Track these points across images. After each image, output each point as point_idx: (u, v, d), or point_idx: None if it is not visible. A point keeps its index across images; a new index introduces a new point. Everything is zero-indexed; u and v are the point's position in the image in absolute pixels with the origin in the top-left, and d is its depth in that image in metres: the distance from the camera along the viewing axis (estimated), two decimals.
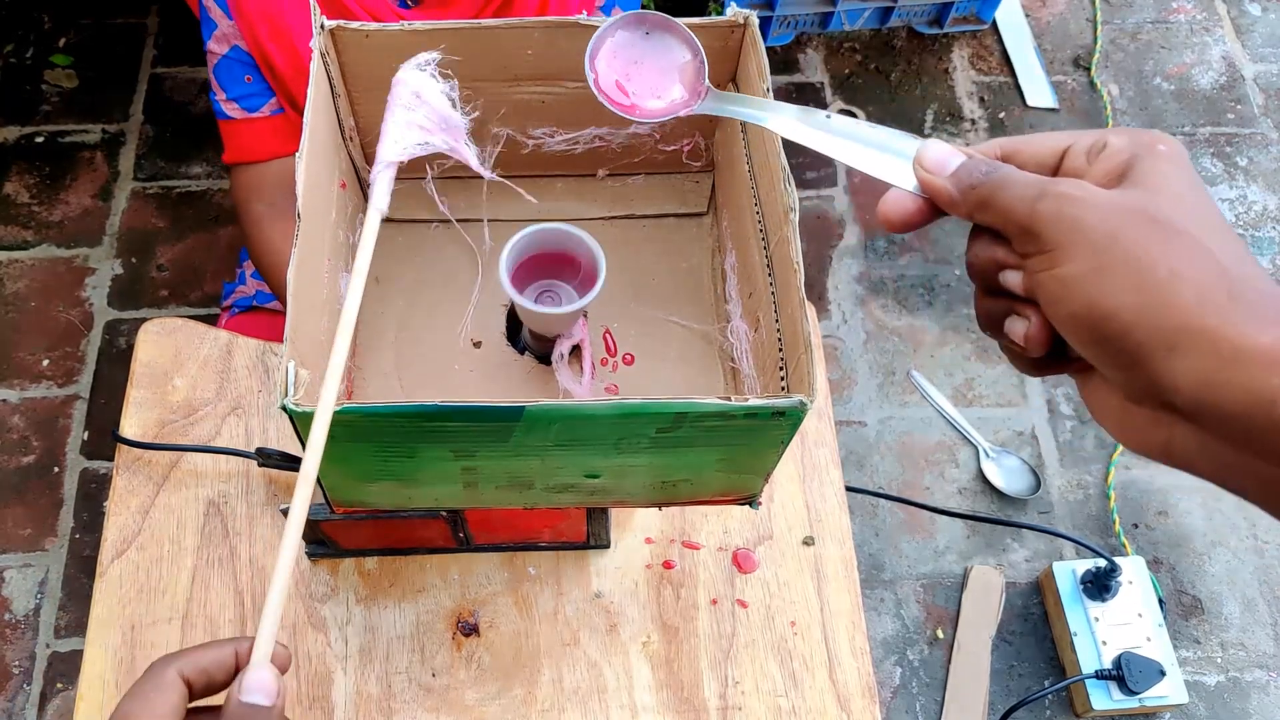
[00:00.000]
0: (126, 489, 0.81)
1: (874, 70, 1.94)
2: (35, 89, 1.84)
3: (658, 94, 0.52)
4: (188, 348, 0.87)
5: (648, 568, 0.80)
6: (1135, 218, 0.34)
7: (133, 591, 0.77)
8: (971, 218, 0.38)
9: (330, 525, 0.71)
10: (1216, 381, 0.31)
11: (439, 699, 0.75)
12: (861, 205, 1.79)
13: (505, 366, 0.68)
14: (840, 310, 1.69)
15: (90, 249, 1.70)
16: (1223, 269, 0.33)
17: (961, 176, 0.38)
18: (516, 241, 0.60)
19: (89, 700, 0.74)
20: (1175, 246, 0.33)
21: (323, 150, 0.59)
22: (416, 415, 0.47)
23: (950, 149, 0.39)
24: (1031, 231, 0.35)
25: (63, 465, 1.52)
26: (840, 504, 0.83)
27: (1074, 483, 1.56)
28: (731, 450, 0.52)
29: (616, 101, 0.52)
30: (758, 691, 0.76)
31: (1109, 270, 0.33)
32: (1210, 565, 1.50)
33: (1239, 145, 1.87)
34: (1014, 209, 0.36)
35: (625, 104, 0.52)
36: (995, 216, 0.37)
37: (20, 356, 1.60)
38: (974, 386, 1.63)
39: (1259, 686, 1.42)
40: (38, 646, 1.41)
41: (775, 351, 0.55)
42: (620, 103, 0.52)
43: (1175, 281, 0.32)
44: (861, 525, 1.52)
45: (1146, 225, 0.34)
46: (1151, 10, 2.03)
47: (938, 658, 1.43)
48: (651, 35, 0.53)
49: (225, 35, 0.96)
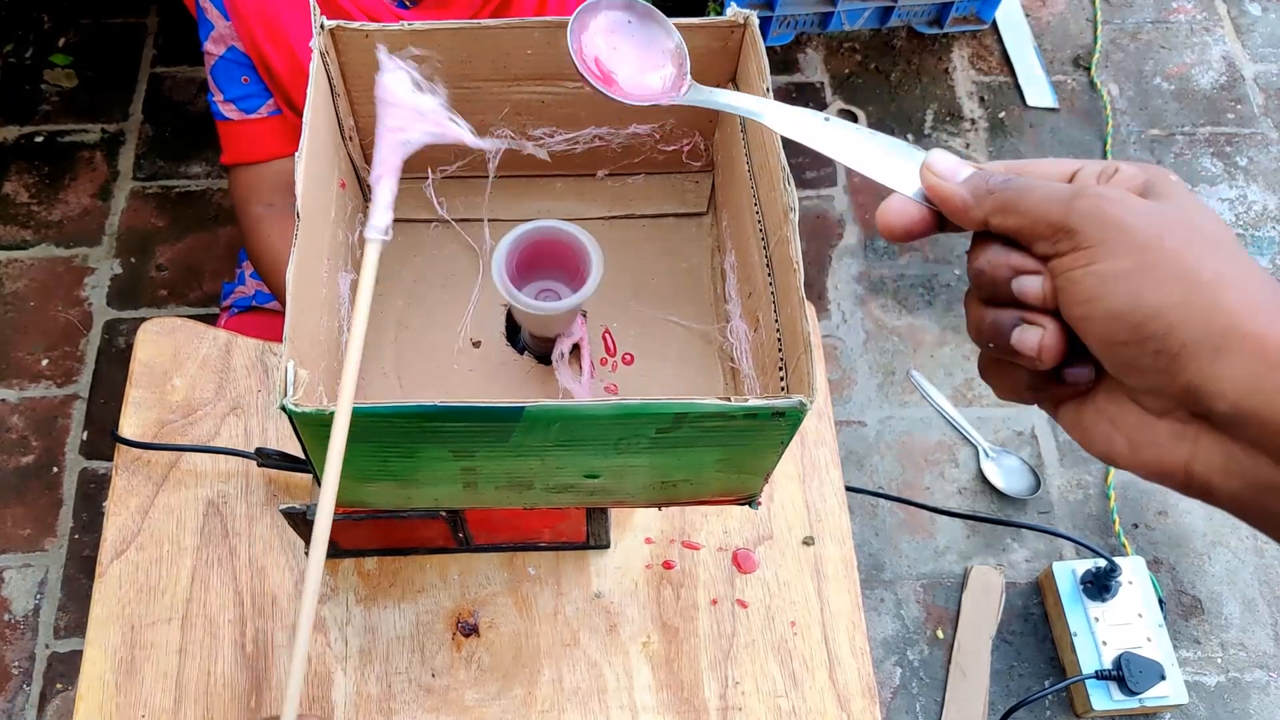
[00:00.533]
0: (126, 489, 0.81)
1: (874, 70, 1.94)
2: (35, 88, 1.84)
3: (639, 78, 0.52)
4: (187, 347, 0.87)
5: (648, 568, 0.80)
6: (1175, 223, 0.34)
7: (132, 592, 0.77)
8: (985, 223, 0.37)
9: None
10: (1264, 386, 0.31)
11: (439, 699, 0.75)
12: (861, 205, 1.79)
13: (505, 366, 0.67)
14: (840, 310, 1.69)
15: (89, 249, 1.70)
16: (1265, 277, 0.33)
17: (977, 183, 0.38)
18: (510, 240, 0.60)
19: (88, 700, 0.74)
20: (1217, 253, 0.33)
21: (322, 150, 0.59)
22: (416, 415, 0.47)
23: (958, 159, 0.39)
24: (1067, 229, 0.35)
25: (62, 465, 1.52)
26: (840, 504, 0.83)
27: (1074, 482, 1.56)
28: (731, 450, 0.52)
29: (595, 74, 0.51)
30: (758, 692, 0.76)
31: (1153, 268, 0.33)
32: (1210, 565, 1.50)
33: (1239, 145, 1.87)
34: (1046, 209, 0.35)
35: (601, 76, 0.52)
36: (1020, 219, 0.36)
37: (19, 356, 1.60)
38: (974, 386, 1.63)
39: (1259, 687, 1.42)
40: (37, 647, 1.41)
41: (775, 351, 0.55)
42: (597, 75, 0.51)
43: (1221, 284, 0.32)
44: (861, 525, 1.51)
45: (1186, 230, 0.33)
46: (1151, 10, 2.03)
47: (938, 658, 1.43)
48: (634, 23, 0.52)
49: (222, 36, 0.96)
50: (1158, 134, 1.87)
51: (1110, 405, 0.36)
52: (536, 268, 0.65)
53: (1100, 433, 0.37)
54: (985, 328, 0.38)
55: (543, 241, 0.62)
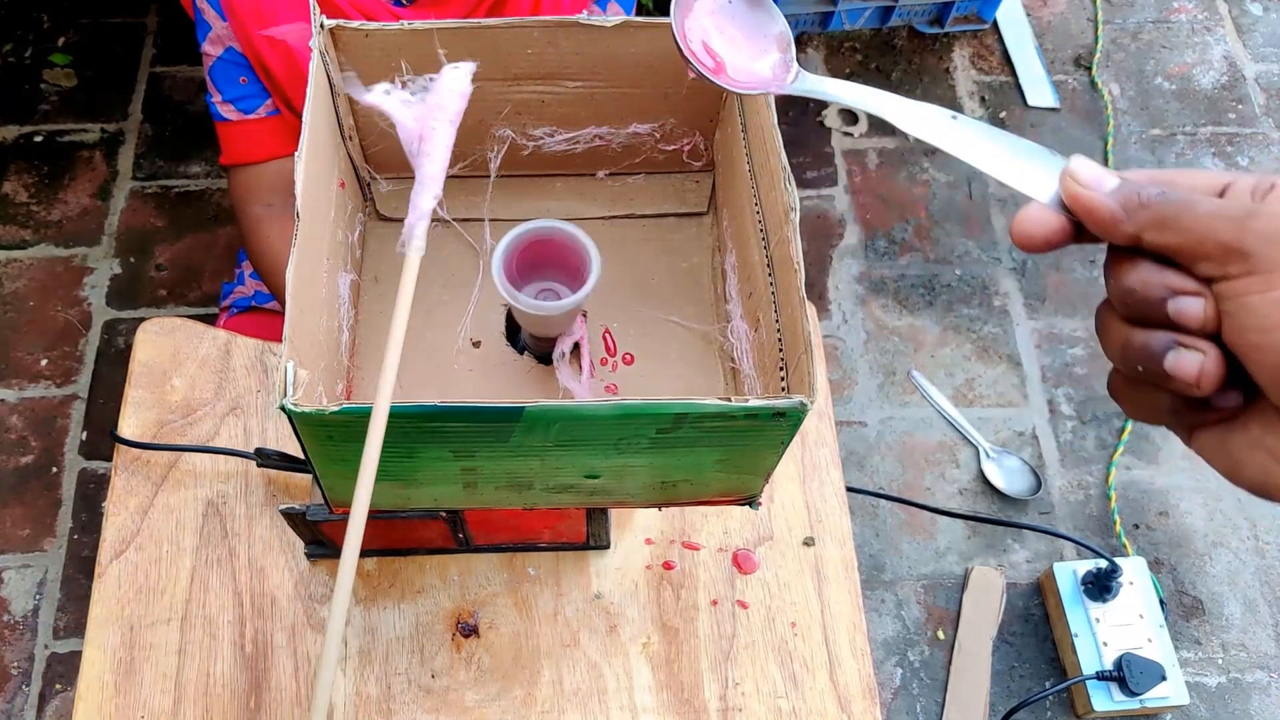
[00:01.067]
0: (125, 489, 0.81)
1: (874, 70, 1.93)
2: (34, 88, 1.84)
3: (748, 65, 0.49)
4: (186, 347, 0.87)
5: (648, 568, 0.80)
6: None
7: (131, 592, 0.77)
8: (1137, 238, 0.35)
9: (329, 526, 0.71)
10: None
11: (438, 700, 0.75)
12: (862, 205, 1.79)
13: (505, 366, 0.67)
14: (840, 310, 1.69)
15: (89, 248, 1.70)
16: None
17: (1128, 194, 0.35)
18: (509, 240, 0.60)
19: (88, 701, 0.74)
20: None
21: (322, 150, 0.59)
22: (416, 415, 0.47)
23: (1102, 168, 0.37)
24: (1240, 250, 0.33)
25: (61, 465, 1.52)
26: (841, 504, 0.83)
27: (1075, 483, 1.56)
28: (731, 451, 0.52)
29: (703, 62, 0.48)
30: (758, 693, 0.76)
31: None
32: (1211, 566, 1.50)
33: (1240, 145, 1.87)
34: (1214, 226, 0.33)
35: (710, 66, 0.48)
36: (1181, 236, 0.34)
37: (19, 356, 1.60)
38: (974, 387, 1.63)
39: (1260, 688, 1.42)
40: (36, 647, 1.40)
41: (775, 351, 0.55)
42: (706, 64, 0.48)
43: None
44: (862, 526, 1.51)
45: None
46: (1152, 10, 2.03)
47: (938, 659, 1.43)
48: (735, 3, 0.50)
49: (220, 37, 0.96)
50: (1159, 134, 1.87)
51: (1269, 435, 0.34)
52: (536, 268, 0.64)
53: (1256, 463, 0.35)
54: (1134, 350, 0.35)
55: (542, 241, 0.62)
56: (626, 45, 0.61)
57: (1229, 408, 0.35)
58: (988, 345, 1.66)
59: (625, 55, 0.62)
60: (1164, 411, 0.36)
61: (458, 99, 0.52)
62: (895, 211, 1.78)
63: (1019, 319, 1.69)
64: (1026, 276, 1.72)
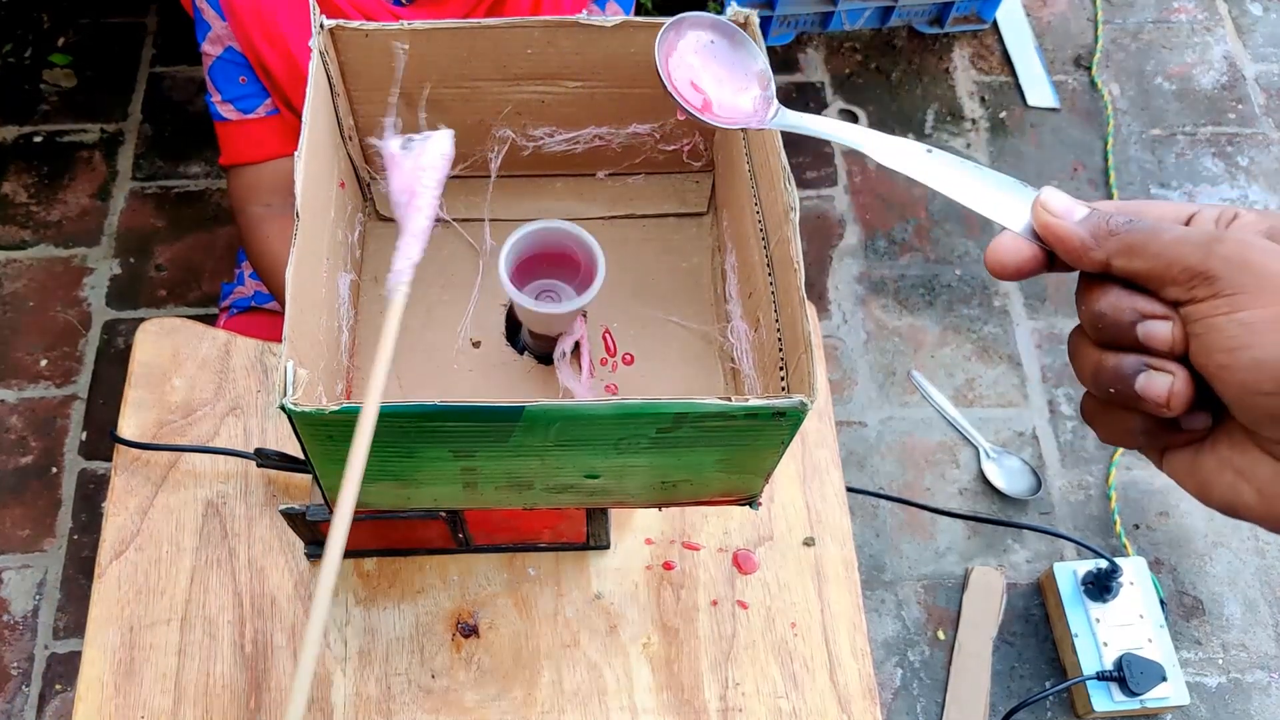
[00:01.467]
0: (125, 489, 0.81)
1: (874, 70, 1.93)
2: (34, 88, 1.84)
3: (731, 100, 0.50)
4: (186, 348, 0.86)
5: (648, 569, 0.80)
6: None
7: (131, 592, 0.77)
8: (1106, 265, 0.36)
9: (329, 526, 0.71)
10: None
11: (438, 700, 0.75)
12: (862, 206, 1.79)
13: (505, 366, 0.67)
14: (840, 310, 1.69)
15: (88, 249, 1.70)
16: None
17: (1097, 223, 0.37)
18: (516, 240, 0.60)
19: (88, 701, 0.74)
20: None
21: (322, 150, 0.59)
22: (416, 415, 0.47)
23: (1072, 199, 0.38)
24: (1206, 274, 0.34)
25: (61, 466, 1.52)
26: (841, 505, 0.83)
27: (1075, 483, 1.56)
28: (731, 451, 0.52)
29: (689, 100, 0.50)
30: (758, 693, 0.76)
31: None
32: (1211, 566, 1.50)
33: (1240, 145, 1.87)
34: (1181, 252, 0.34)
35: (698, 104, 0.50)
36: (1149, 262, 0.35)
37: (18, 356, 1.60)
38: (974, 387, 1.63)
39: (1260, 688, 1.42)
40: (36, 648, 1.40)
41: (775, 351, 0.55)
42: (693, 102, 0.50)
43: None
44: (862, 526, 1.51)
45: None
46: (1152, 10, 2.03)
47: (939, 659, 1.43)
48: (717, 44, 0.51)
49: (219, 37, 0.95)
50: (1159, 134, 1.87)
51: (1236, 455, 0.35)
52: (537, 267, 0.64)
53: (1224, 483, 0.36)
54: (1105, 373, 0.37)
55: (544, 241, 0.62)
56: (626, 45, 0.61)
57: (1198, 429, 0.36)
58: (988, 345, 1.66)
59: (625, 55, 0.62)
60: (1135, 434, 0.37)
61: (443, 163, 0.54)
62: (895, 211, 1.78)
63: (1019, 319, 1.69)
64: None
